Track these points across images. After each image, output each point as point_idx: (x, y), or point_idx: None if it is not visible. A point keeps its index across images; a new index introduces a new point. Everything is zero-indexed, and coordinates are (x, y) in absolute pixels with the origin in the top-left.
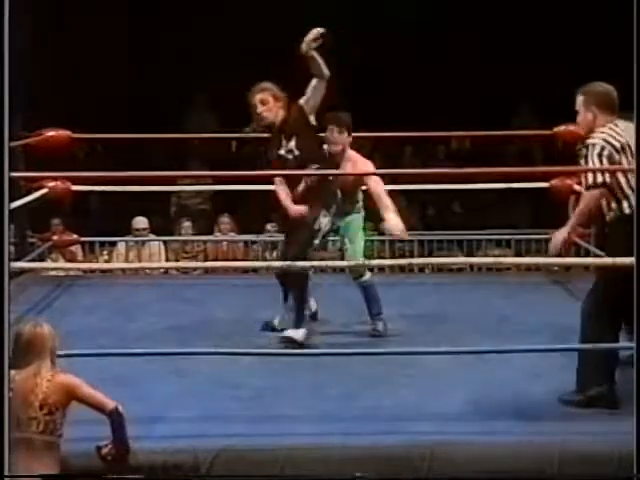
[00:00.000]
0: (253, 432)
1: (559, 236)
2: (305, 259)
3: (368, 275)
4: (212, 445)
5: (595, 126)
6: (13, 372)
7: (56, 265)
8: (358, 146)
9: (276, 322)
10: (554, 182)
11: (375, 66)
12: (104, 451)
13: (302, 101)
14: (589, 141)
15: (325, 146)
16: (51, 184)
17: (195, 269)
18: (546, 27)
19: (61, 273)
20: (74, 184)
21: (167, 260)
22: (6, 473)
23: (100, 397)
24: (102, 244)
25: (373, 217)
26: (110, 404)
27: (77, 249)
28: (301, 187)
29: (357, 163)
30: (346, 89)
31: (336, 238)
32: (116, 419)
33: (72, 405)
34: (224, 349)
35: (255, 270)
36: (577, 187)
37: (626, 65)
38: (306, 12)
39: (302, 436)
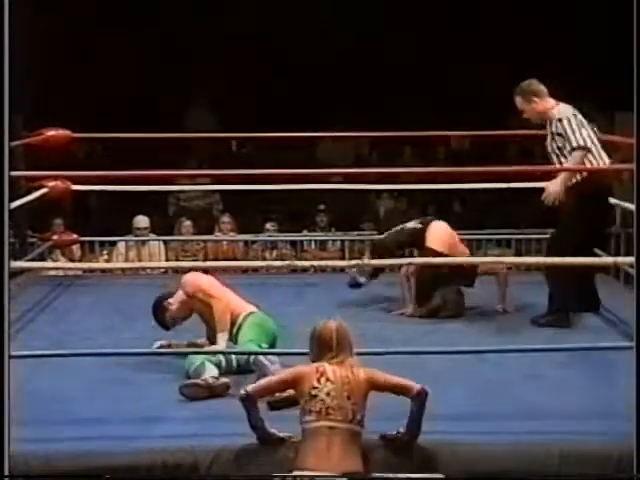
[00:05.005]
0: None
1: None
2: None
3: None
4: (212, 445)
5: (541, 111)
6: (325, 367)
7: (56, 265)
8: (356, 147)
9: None
10: None
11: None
12: (393, 434)
13: None
14: (558, 117)
15: None
16: (51, 184)
17: (195, 269)
18: (545, 28)
19: (61, 273)
20: (74, 184)
21: (167, 260)
22: (6, 473)
23: (402, 381)
24: (102, 244)
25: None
26: (415, 386)
27: (76, 249)
28: None
29: None
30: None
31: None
32: (422, 400)
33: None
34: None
35: (255, 270)
36: None
37: (621, 65)
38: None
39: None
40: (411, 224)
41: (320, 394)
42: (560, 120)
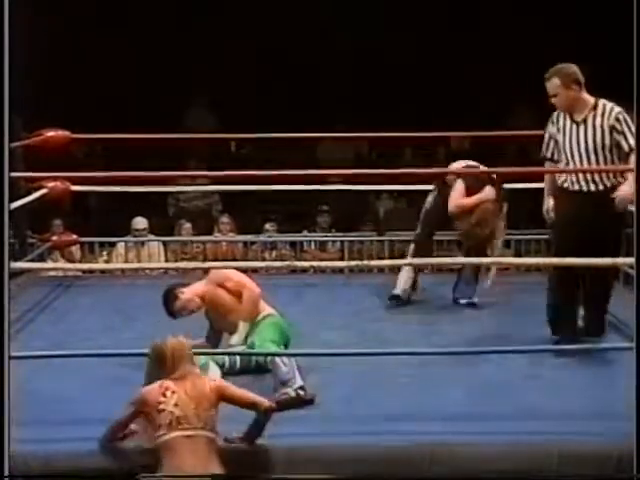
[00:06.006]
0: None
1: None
2: None
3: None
4: None
5: (577, 101)
6: (169, 382)
7: (56, 265)
8: (356, 147)
9: None
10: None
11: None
12: (234, 438)
13: None
14: (620, 114)
15: None
16: (51, 184)
17: (195, 269)
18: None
19: (61, 273)
20: (74, 184)
21: (166, 260)
22: (6, 473)
23: (252, 397)
24: (102, 244)
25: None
26: (265, 403)
27: (76, 249)
28: None
29: None
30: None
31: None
32: (269, 415)
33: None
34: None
35: (254, 270)
36: None
37: (621, 64)
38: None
39: (302, 436)
40: (428, 199)
41: (167, 407)
42: (621, 113)
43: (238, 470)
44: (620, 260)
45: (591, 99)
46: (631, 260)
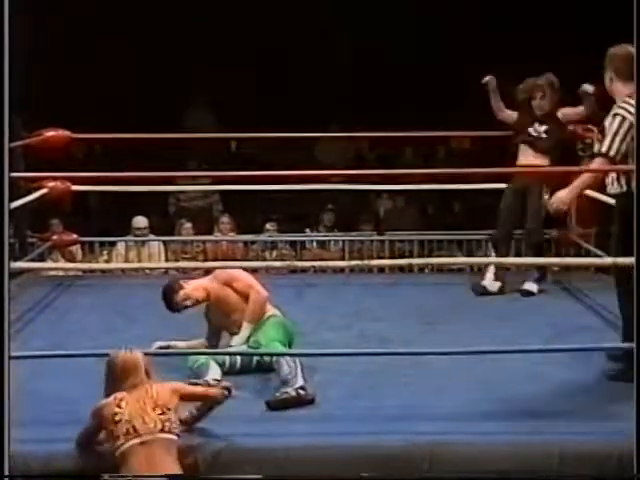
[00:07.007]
0: (253, 432)
1: (561, 195)
2: None
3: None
4: (212, 445)
5: (612, 91)
6: (124, 394)
7: (56, 265)
8: (356, 146)
9: None
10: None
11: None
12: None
13: None
14: (614, 111)
15: None
16: (51, 184)
17: (195, 269)
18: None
19: (61, 273)
20: (74, 184)
21: (167, 260)
22: (6, 473)
23: (207, 391)
24: (102, 244)
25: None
26: (217, 392)
27: (77, 249)
28: None
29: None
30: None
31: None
32: (221, 402)
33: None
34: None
35: (255, 270)
36: None
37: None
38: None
39: (302, 436)
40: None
41: (123, 417)
42: (615, 115)
43: (237, 470)
44: (620, 259)
45: (622, 93)
46: (631, 260)
